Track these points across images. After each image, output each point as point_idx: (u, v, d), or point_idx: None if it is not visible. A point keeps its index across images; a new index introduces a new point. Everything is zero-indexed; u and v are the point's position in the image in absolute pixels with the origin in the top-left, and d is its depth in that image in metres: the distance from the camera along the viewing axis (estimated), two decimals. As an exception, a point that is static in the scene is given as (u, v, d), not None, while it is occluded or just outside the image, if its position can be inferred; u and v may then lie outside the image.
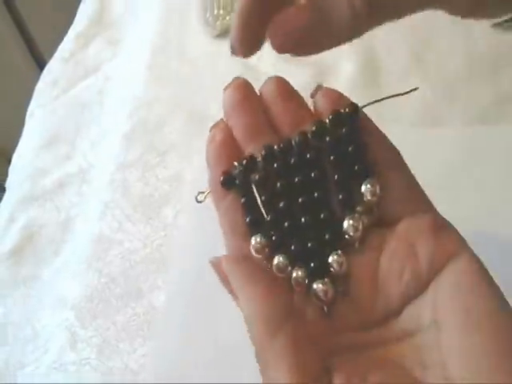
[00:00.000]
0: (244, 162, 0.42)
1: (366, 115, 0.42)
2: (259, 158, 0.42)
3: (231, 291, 0.40)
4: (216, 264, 0.41)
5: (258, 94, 0.44)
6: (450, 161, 0.71)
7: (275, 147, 0.41)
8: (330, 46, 0.39)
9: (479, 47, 0.85)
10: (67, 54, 1.03)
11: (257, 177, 0.42)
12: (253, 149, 0.42)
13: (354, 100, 0.42)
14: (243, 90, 0.43)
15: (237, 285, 0.39)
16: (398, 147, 0.41)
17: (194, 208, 0.77)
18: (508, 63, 0.83)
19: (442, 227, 0.39)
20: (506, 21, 0.86)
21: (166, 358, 0.66)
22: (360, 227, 0.40)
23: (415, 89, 0.44)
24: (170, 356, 0.66)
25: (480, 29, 0.87)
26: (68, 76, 1.00)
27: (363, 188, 0.40)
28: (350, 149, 0.41)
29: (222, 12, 0.93)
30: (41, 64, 1.72)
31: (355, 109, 0.42)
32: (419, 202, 0.40)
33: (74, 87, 0.98)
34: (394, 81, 0.83)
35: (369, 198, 0.40)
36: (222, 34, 0.93)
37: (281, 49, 0.38)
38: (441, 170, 0.68)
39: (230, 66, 0.46)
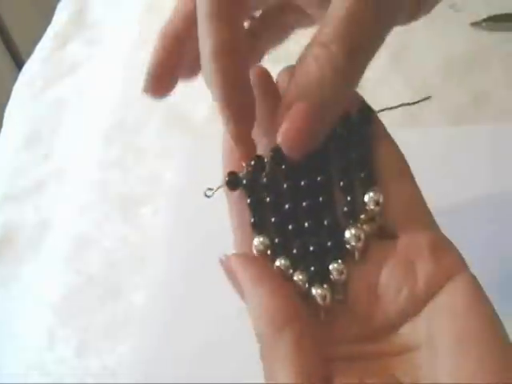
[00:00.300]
0: (252, 162, 0.42)
1: (378, 118, 0.42)
2: (267, 159, 0.42)
3: (239, 289, 0.40)
4: (224, 262, 0.41)
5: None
6: (427, 161, 0.71)
7: None
8: (334, 117, 0.40)
9: (457, 47, 0.86)
10: (45, 53, 1.03)
11: (264, 179, 0.42)
12: (264, 146, 0.42)
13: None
14: (263, 79, 0.43)
15: (245, 283, 0.39)
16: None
17: (173, 207, 0.77)
18: (487, 63, 0.83)
19: (441, 247, 0.39)
20: (485, 20, 0.86)
21: (145, 358, 0.66)
22: (362, 237, 0.39)
23: (428, 98, 0.44)
24: (149, 355, 0.66)
25: (458, 28, 0.87)
26: (46, 76, 0.99)
27: (366, 197, 0.40)
28: (357, 155, 0.41)
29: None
30: (19, 64, 1.71)
31: (368, 112, 0.42)
32: (421, 215, 0.40)
33: (52, 87, 0.98)
34: (373, 81, 0.83)
35: (372, 207, 0.40)
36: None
37: (298, 151, 0.39)
38: (418, 171, 0.68)
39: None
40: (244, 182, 0.42)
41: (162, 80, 0.49)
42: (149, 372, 0.65)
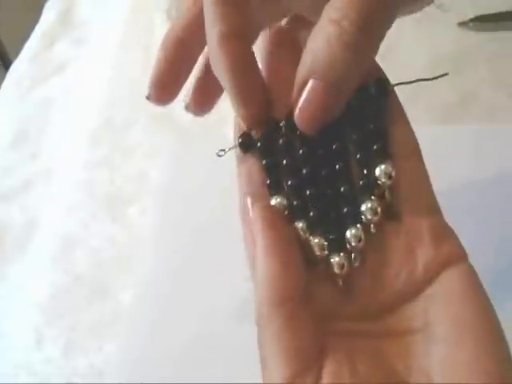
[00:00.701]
0: (267, 125, 0.41)
1: (394, 92, 0.42)
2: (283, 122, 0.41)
3: (252, 238, 0.39)
4: (246, 210, 0.40)
5: None
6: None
7: None
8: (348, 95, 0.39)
9: (444, 46, 0.86)
10: (33, 53, 1.03)
11: (280, 141, 0.41)
12: (280, 109, 0.41)
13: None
14: (284, 35, 0.43)
15: (259, 237, 0.38)
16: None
17: (160, 207, 0.77)
18: (473, 63, 0.84)
19: (443, 234, 0.39)
20: (472, 20, 0.87)
21: (133, 357, 0.66)
22: (379, 210, 0.39)
23: (446, 74, 0.44)
24: (137, 354, 0.66)
25: (445, 28, 0.87)
26: (33, 75, 0.99)
27: (378, 170, 0.39)
28: (373, 127, 0.40)
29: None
30: (7, 63, 1.71)
31: (385, 84, 0.41)
32: (426, 198, 0.40)
33: (39, 86, 0.98)
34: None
35: (383, 180, 0.39)
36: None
37: (314, 129, 0.39)
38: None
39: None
40: (258, 144, 0.41)
41: (164, 88, 0.50)
42: (136, 371, 0.65)
